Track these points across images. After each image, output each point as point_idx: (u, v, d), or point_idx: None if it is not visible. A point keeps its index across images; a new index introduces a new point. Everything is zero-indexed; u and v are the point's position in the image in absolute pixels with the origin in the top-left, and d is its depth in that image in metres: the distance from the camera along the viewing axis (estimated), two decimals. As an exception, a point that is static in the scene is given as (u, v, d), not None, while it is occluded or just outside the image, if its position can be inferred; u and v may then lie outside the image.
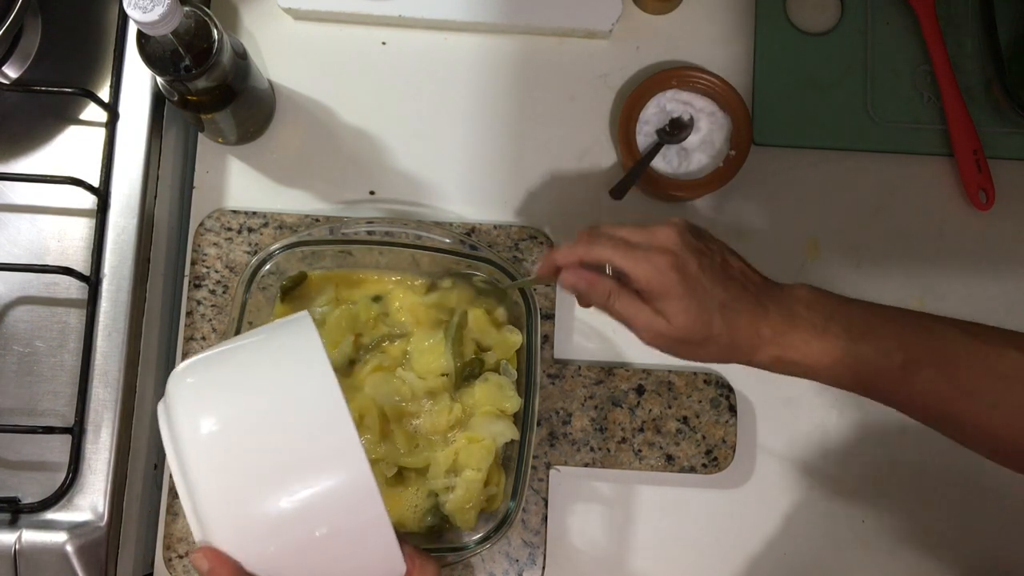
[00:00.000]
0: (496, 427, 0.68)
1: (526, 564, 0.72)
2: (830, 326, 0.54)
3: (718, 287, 0.55)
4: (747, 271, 0.57)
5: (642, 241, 0.56)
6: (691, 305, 0.54)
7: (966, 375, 0.53)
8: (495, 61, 0.80)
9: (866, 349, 0.53)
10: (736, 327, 0.55)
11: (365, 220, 0.73)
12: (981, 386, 0.52)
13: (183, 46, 0.61)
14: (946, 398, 0.53)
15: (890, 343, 0.53)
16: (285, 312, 0.72)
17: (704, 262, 0.55)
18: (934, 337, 0.54)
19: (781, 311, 0.55)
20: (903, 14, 0.80)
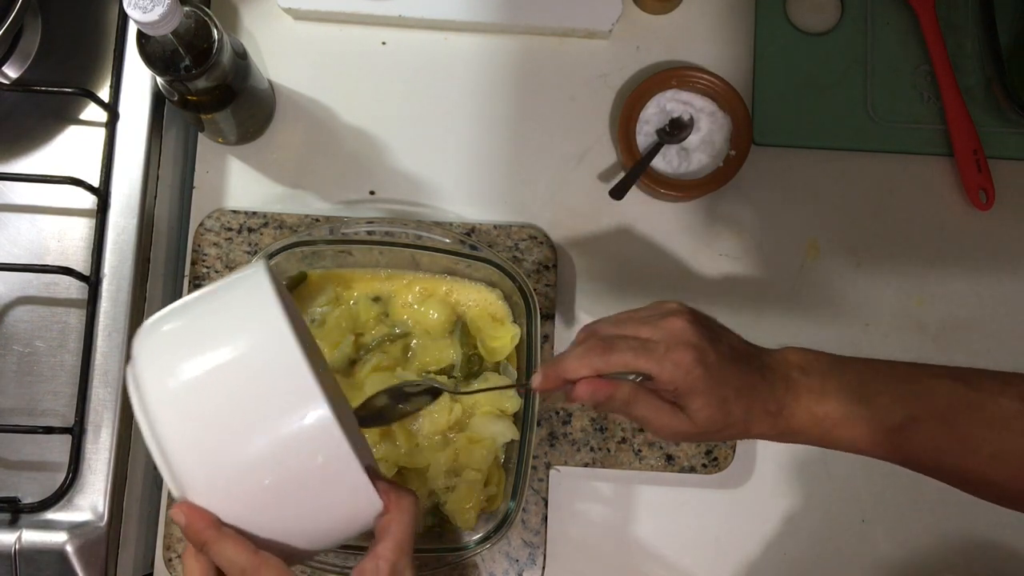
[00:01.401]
0: (496, 427, 0.68)
1: (526, 564, 0.72)
2: (827, 388, 0.54)
3: (733, 374, 0.54)
4: (745, 346, 0.57)
5: (657, 337, 0.53)
6: (712, 399, 0.53)
7: (964, 427, 0.52)
8: (495, 61, 0.80)
9: (864, 411, 0.53)
10: (751, 411, 0.54)
11: (365, 220, 0.73)
12: (979, 436, 0.52)
13: (183, 46, 0.61)
14: (947, 451, 0.53)
15: (886, 400, 0.53)
16: None
17: (720, 349, 0.54)
18: (928, 391, 0.53)
19: (781, 382, 0.54)
20: (903, 14, 0.80)
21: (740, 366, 0.54)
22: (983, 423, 0.52)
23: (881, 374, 0.55)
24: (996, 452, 0.52)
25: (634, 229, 0.78)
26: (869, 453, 0.55)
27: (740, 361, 0.54)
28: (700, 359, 0.52)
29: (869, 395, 0.53)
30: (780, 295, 0.77)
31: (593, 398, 0.54)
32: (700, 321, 0.55)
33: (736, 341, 0.56)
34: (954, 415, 0.53)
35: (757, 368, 0.55)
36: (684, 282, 0.77)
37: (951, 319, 0.77)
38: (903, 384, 0.54)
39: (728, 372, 0.53)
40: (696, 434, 0.55)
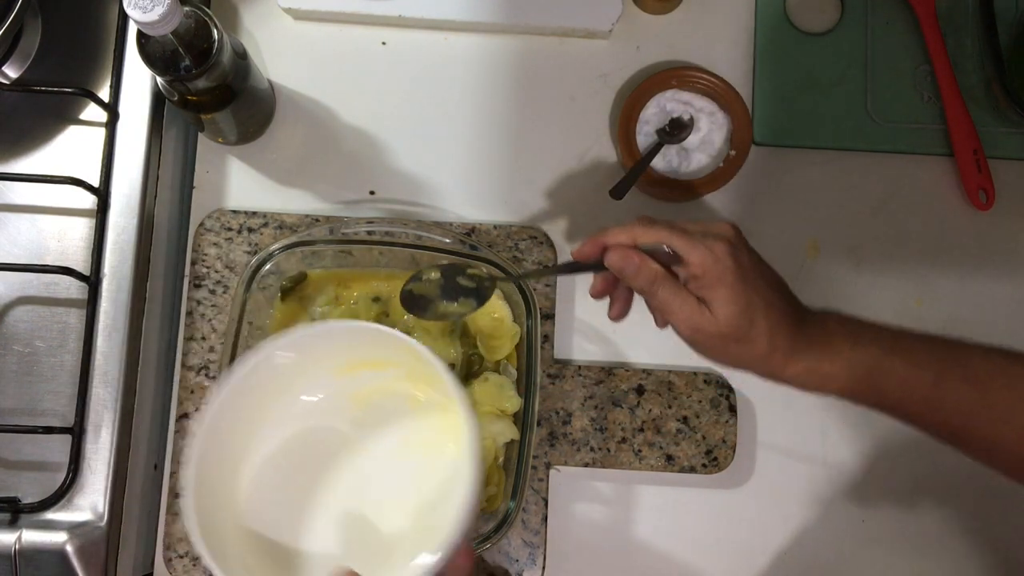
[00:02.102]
0: (496, 427, 0.68)
1: (526, 564, 0.72)
2: (862, 338, 0.54)
3: (766, 286, 0.55)
4: (784, 283, 0.58)
5: (699, 229, 0.56)
6: (739, 297, 0.53)
7: (997, 394, 0.52)
8: (495, 61, 0.80)
9: (899, 362, 0.53)
10: (777, 331, 0.54)
11: (365, 220, 0.73)
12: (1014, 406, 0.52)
13: (183, 46, 0.61)
14: (976, 416, 0.53)
15: (922, 356, 0.54)
16: (285, 312, 0.72)
17: (755, 258, 0.56)
18: (965, 354, 0.54)
19: (816, 324, 0.55)
20: (903, 14, 0.80)
21: (773, 286, 0.56)
22: (1015, 392, 0.52)
23: (918, 337, 0.55)
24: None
25: (634, 229, 0.78)
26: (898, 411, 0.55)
27: (775, 285, 0.56)
28: (733, 253, 0.54)
29: (903, 348, 0.54)
30: (780, 295, 0.77)
31: (621, 264, 0.55)
32: (744, 239, 0.57)
33: (776, 277, 0.57)
34: (988, 380, 0.53)
35: (791, 300, 0.56)
36: (684, 282, 0.77)
37: (951, 319, 0.77)
38: (937, 345, 0.55)
39: (760, 283, 0.55)
40: (717, 334, 0.54)
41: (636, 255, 0.55)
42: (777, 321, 0.54)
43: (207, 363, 0.74)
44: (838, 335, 0.54)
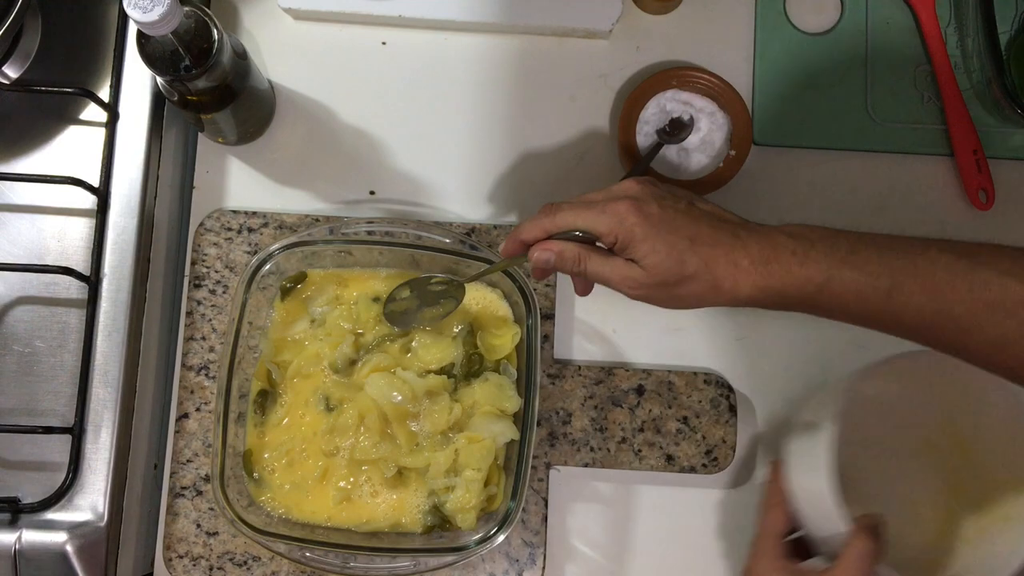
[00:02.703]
0: (496, 427, 0.68)
1: (526, 564, 0.72)
2: (812, 253, 0.53)
3: (685, 224, 0.55)
4: (720, 212, 0.58)
5: (601, 197, 0.57)
6: (659, 245, 0.54)
7: (952, 302, 0.50)
8: (495, 61, 0.80)
9: (850, 274, 0.52)
10: (712, 261, 0.54)
11: (365, 220, 0.73)
12: (978, 319, 0.50)
13: (183, 46, 0.61)
14: (932, 323, 0.52)
15: (875, 267, 0.52)
16: (285, 312, 0.72)
17: (666, 203, 0.56)
18: (922, 261, 0.51)
19: (760, 241, 0.55)
20: (903, 14, 0.80)
21: (700, 221, 0.56)
22: (983, 305, 0.50)
23: (873, 243, 0.53)
24: (997, 338, 0.50)
25: (634, 229, 0.78)
26: (850, 319, 0.54)
27: (701, 218, 0.56)
28: (635, 208, 0.55)
29: (856, 259, 0.52)
30: (780, 295, 0.77)
31: (544, 260, 0.58)
32: (650, 183, 0.58)
33: (706, 205, 0.58)
34: (944, 288, 0.50)
35: (731, 229, 0.56)
36: (684, 282, 0.77)
37: (951, 319, 0.77)
38: (895, 253, 0.52)
39: (679, 222, 0.55)
40: (655, 284, 0.56)
41: (553, 245, 0.58)
42: (708, 253, 0.55)
43: (207, 363, 0.74)
44: (785, 251, 0.54)
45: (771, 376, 0.76)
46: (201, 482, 0.72)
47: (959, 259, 0.51)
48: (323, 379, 0.70)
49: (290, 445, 0.70)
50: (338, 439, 0.69)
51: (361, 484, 0.69)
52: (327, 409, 0.70)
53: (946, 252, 0.52)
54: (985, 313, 0.50)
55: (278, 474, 0.69)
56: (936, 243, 0.53)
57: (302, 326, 0.71)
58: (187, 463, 0.73)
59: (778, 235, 0.55)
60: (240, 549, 0.72)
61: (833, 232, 0.55)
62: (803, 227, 0.56)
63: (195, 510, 0.72)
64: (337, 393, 0.69)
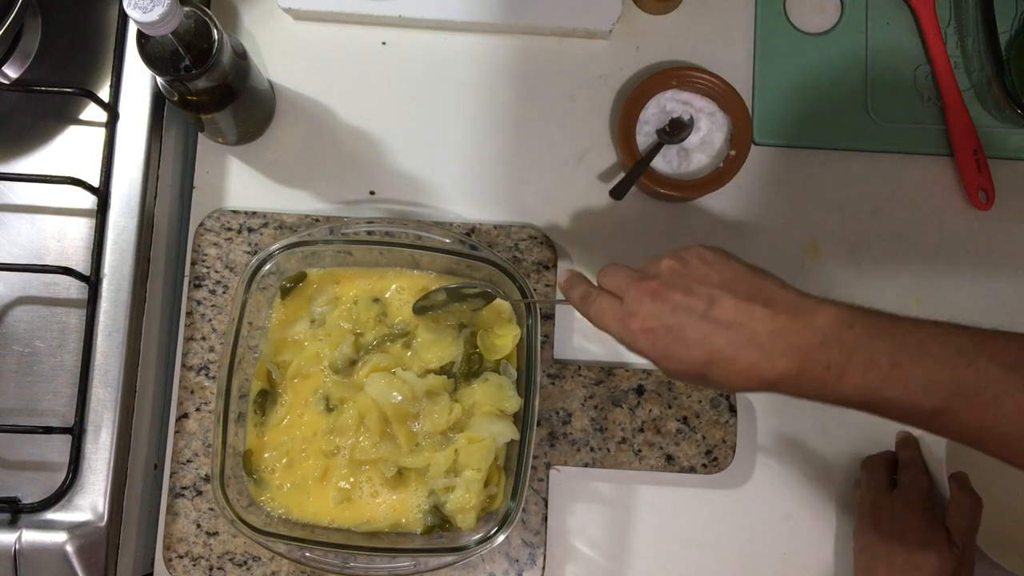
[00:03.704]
0: (496, 427, 0.68)
1: (526, 564, 0.72)
2: (848, 368, 0.49)
3: (700, 342, 0.51)
4: (770, 289, 0.52)
5: (648, 265, 0.56)
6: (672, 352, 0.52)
7: (999, 421, 0.48)
8: (495, 61, 0.80)
9: (892, 394, 0.48)
10: (731, 377, 0.51)
11: (365, 220, 0.73)
12: (1014, 431, 0.47)
13: (183, 46, 0.61)
14: (978, 439, 0.49)
15: (918, 386, 0.48)
16: (285, 312, 0.72)
17: (691, 297, 0.52)
18: (969, 376, 0.47)
19: (789, 354, 0.49)
20: (903, 14, 0.80)
21: (713, 331, 0.51)
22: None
23: (920, 351, 0.49)
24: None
25: (634, 229, 0.78)
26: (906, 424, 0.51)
27: (718, 327, 0.51)
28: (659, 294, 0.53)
29: (899, 380, 0.48)
30: (780, 295, 0.77)
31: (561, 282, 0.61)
32: (705, 255, 0.54)
33: (751, 278, 0.53)
34: (994, 411, 0.47)
35: (755, 323, 0.50)
36: (684, 282, 0.77)
37: (951, 319, 0.77)
38: (942, 366, 0.48)
39: (693, 339, 0.51)
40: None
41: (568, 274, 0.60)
42: (729, 368, 0.51)
43: (207, 363, 0.74)
44: (819, 365, 0.49)
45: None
46: (201, 482, 0.72)
47: (1008, 374, 0.47)
48: (323, 379, 0.70)
49: (290, 445, 0.70)
50: (338, 439, 0.69)
51: (361, 484, 0.69)
52: (327, 409, 0.70)
53: (995, 363, 0.47)
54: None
55: (278, 474, 0.69)
56: (987, 349, 0.48)
57: (302, 326, 0.71)
58: (187, 463, 0.73)
59: (813, 340, 0.49)
60: (240, 549, 0.72)
61: (869, 335, 0.49)
62: (839, 323, 0.49)
63: (195, 510, 0.72)
64: (337, 393, 0.69)
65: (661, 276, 0.53)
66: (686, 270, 0.53)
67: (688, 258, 0.54)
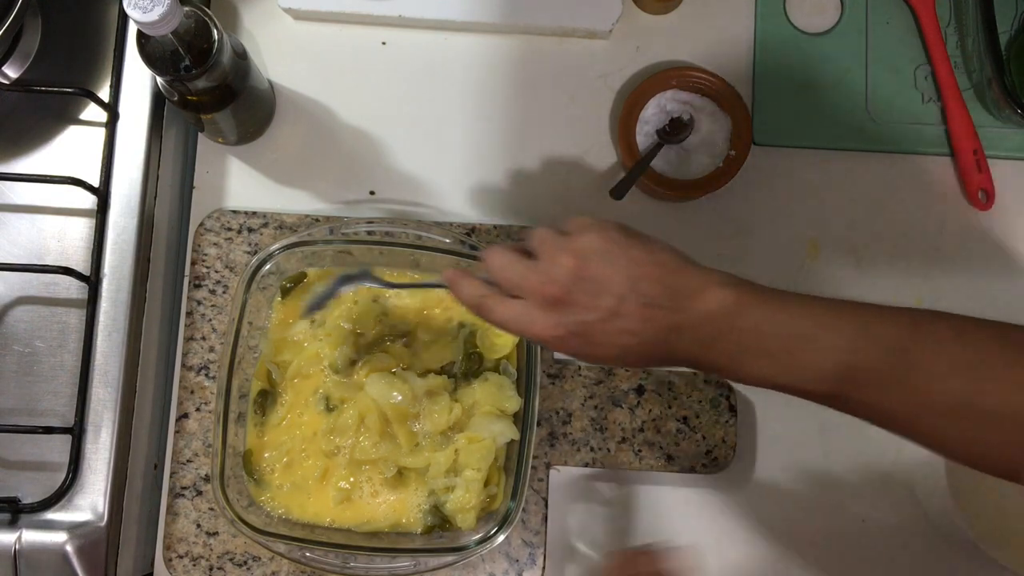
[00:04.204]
0: (496, 427, 0.68)
1: (526, 564, 0.72)
2: (742, 355, 0.50)
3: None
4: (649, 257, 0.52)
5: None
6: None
7: (891, 404, 0.49)
8: (495, 61, 0.80)
9: (785, 381, 0.50)
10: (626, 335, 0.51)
11: (365, 220, 0.73)
12: (905, 414, 0.49)
13: (183, 46, 0.61)
14: (871, 418, 0.50)
15: (809, 373, 0.49)
16: (285, 312, 0.72)
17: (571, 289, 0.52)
18: (857, 362, 0.48)
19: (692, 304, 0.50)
20: (903, 14, 0.80)
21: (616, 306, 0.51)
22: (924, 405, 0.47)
23: (823, 326, 0.49)
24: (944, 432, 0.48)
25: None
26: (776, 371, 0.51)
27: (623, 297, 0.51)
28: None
29: (795, 365, 0.49)
30: (780, 295, 0.77)
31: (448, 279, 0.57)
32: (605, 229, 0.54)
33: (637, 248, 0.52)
34: (901, 384, 0.48)
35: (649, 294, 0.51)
36: (684, 282, 0.77)
37: (951, 319, 0.77)
38: (846, 340, 0.49)
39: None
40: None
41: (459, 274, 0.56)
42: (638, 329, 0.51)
43: (207, 363, 0.74)
44: (717, 351, 0.50)
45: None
46: (201, 482, 0.72)
47: (890, 358, 0.48)
48: (323, 379, 0.70)
49: (290, 445, 0.70)
50: (338, 439, 0.69)
51: (361, 484, 0.69)
52: (327, 409, 0.70)
53: (879, 348, 0.48)
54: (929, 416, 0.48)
55: (278, 474, 0.69)
56: (870, 332, 0.49)
57: (302, 326, 0.71)
58: (187, 463, 0.73)
59: (710, 333, 0.50)
60: (240, 549, 0.72)
61: (758, 323, 0.50)
62: (733, 312, 0.50)
63: (195, 510, 0.72)
64: (337, 393, 0.69)
65: (560, 280, 0.51)
66: (587, 269, 0.51)
67: (589, 256, 0.52)
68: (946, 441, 0.49)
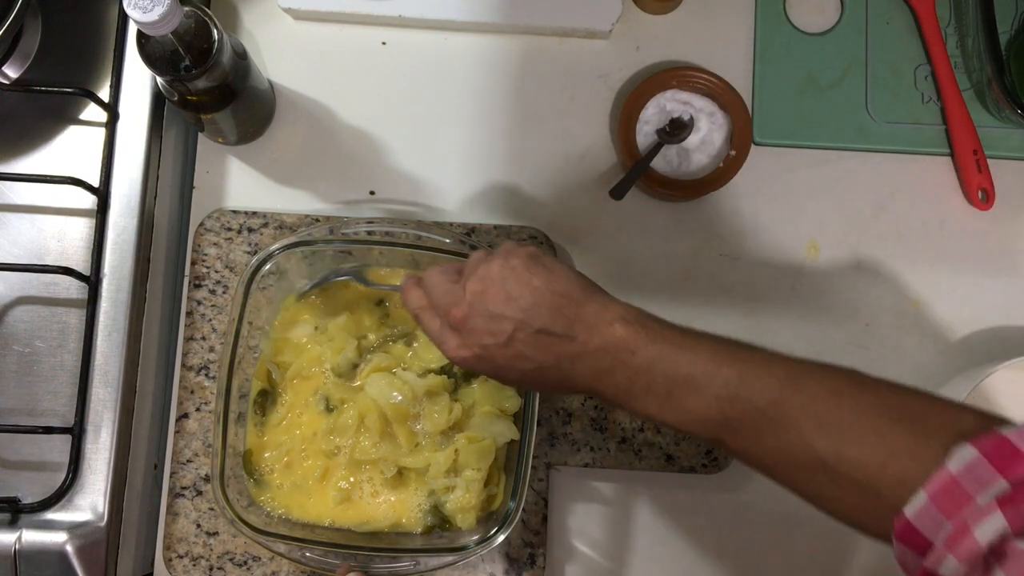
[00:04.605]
0: (496, 427, 0.68)
1: (526, 564, 0.72)
2: (633, 389, 0.51)
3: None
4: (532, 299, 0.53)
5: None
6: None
7: (764, 455, 0.50)
8: (495, 61, 0.80)
9: (671, 420, 0.51)
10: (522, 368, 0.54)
11: (365, 220, 0.73)
12: (776, 465, 0.50)
13: (183, 46, 0.61)
14: (749, 464, 0.52)
15: (691, 416, 0.50)
16: (295, 311, 0.72)
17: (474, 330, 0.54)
18: (734, 413, 0.49)
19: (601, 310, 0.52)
20: (903, 14, 0.80)
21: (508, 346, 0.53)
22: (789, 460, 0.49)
23: (703, 376, 0.50)
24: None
25: (634, 229, 0.78)
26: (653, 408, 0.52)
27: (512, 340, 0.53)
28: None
29: (681, 405, 0.50)
30: (780, 295, 0.77)
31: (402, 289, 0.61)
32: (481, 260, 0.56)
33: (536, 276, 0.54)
34: (770, 434, 0.49)
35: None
36: (684, 282, 0.77)
37: (951, 319, 0.77)
38: (724, 395, 0.49)
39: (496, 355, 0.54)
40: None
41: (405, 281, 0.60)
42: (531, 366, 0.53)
43: (207, 363, 0.74)
44: (610, 383, 0.52)
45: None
46: (201, 482, 0.72)
47: (765, 413, 0.48)
48: (323, 380, 0.70)
49: (290, 445, 0.70)
50: (338, 439, 0.69)
51: (361, 484, 0.69)
52: (327, 409, 0.70)
53: (755, 402, 0.49)
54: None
55: (278, 474, 0.69)
56: (750, 385, 0.49)
57: (305, 330, 0.71)
58: (187, 463, 0.73)
59: (602, 365, 0.52)
60: (240, 549, 0.72)
61: (649, 362, 0.51)
62: (625, 347, 0.51)
63: (195, 510, 0.72)
64: (337, 394, 0.69)
65: (462, 304, 0.54)
66: (488, 295, 0.53)
67: (491, 283, 0.54)
68: (811, 497, 0.50)
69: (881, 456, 0.45)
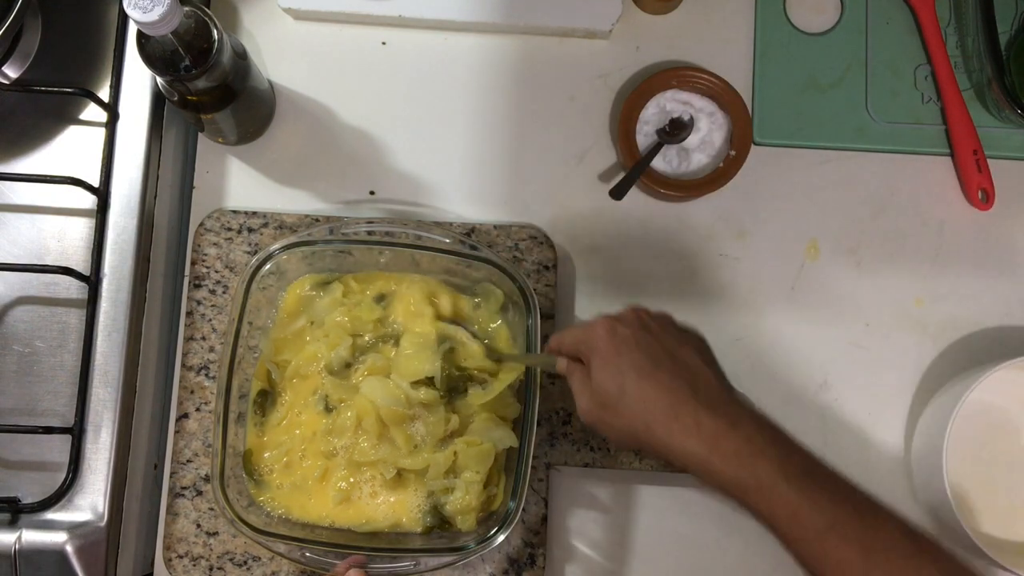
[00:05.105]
0: (496, 434, 0.68)
1: (526, 564, 0.72)
2: (768, 451, 0.53)
3: (640, 359, 0.55)
4: (698, 365, 0.56)
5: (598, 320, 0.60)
6: (609, 363, 0.56)
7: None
8: (495, 61, 0.80)
9: (794, 495, 0.52)
10: (645, 394, 0.54)
11: (365, 220, 0.73)
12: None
13: (183, 46, 0.61)
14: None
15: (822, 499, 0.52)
16: (295, 303, 0.71)
17: (640, 335, 0.56)
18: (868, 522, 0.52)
19: (716, 415, 0.53)
20: (903, 14, 0.80)
21: (657, 357, 0.55)
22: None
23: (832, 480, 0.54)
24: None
25: (634, 229, 0.78)
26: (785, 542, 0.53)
27: (664, 361, 0.55)
28: (608, 327, 0.57)
29: (804, 486, 0.52)
30: (780, 295, 0.77)
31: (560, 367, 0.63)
32: (644, 316, 0.58)
33: (688, 355, 0.57)
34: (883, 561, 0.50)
35: (691, 381, 0.55)
36: (684, 282, 0.77)
37: (951, 319, 0.77)
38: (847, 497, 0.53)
39: (636, 355, 0.55)
40: (597, 402, 0.56)
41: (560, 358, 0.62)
42: (645, 385, 0.54)
43: (207, 363, 0.74)
44: (739, 438, 0.53)
45: (771, 376, 0.76)
46: (201, 482, 0.72)
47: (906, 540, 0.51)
48: (321, 380, 0.70)
49: (290, 445, 0.69)
50: (337, 440, 0.69)
51: (361, 484, 0.69)
52: (326, 409, 0.70)
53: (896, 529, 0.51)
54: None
55: (278, 474, 0.69)
56: (887, 514, 0.52)
57: (301, 322, 0.71)
58: (187, 463, 0.73)
59: (739, 423, 0.53)
60: (240, 549, 0.72)
61: (788, 440, 0.54)
62: (769, 422, 0.54)
63: (195, 510, 0.72)
64: (336, 394, 0.69)
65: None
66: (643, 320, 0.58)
67: (639, 314, 0.59)
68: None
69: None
